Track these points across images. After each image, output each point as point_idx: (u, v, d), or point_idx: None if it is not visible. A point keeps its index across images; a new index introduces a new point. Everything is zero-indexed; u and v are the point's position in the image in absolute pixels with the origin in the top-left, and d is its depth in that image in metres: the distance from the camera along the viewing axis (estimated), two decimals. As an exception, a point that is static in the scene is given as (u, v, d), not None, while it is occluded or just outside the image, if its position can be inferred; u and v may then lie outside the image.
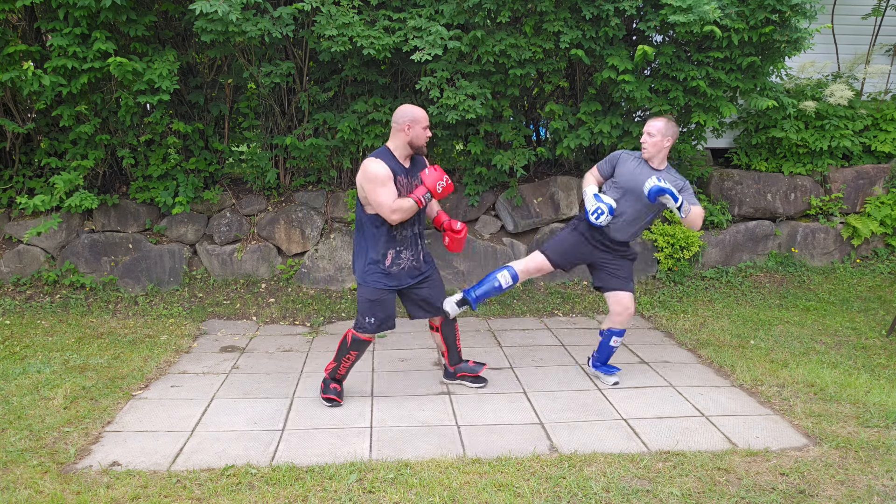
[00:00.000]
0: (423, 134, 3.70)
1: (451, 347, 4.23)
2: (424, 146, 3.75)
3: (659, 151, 3.91)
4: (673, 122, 3.94)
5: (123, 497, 2.97)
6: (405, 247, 3.81)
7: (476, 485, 3.06)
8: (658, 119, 3.91)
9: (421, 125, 3.68)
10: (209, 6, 4.80)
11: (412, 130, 3.67)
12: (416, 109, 3.71)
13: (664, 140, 3.88)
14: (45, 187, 5.88)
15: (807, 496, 3.01)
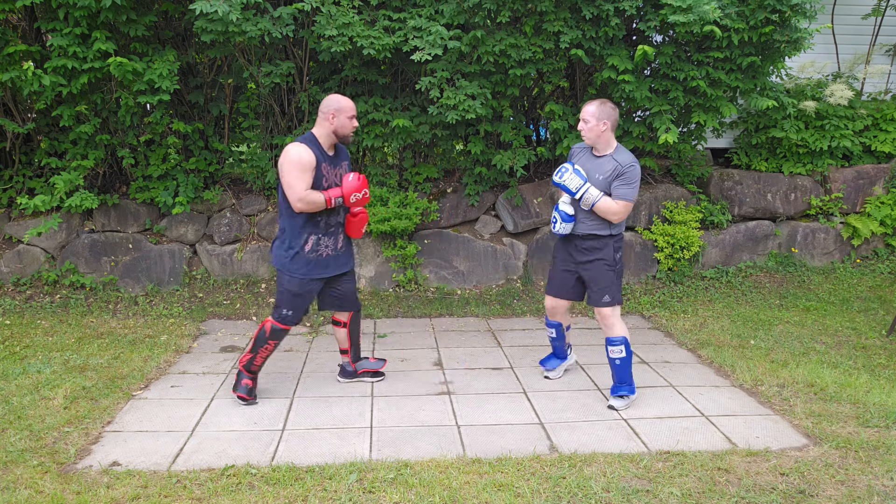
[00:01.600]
0: (348, 124, 3.75)
1: (355, 344, 4.25)
2: (349, 136, 3.79)
3: (598, 136, 3.75)
4: (607, 103, 3.74)
5: (123, 497, 2.97)
6: (327, 234, 3.83)
7: (476, 485, 3.06)
8: (590, 103, 3.74)
9: (346, 114, 3.73)
10: (209, 6, 4.80)
11: (336, 119, 3.71)
12: (342, 99, 3.76)
13: (600, 124, 3.71)
14: (46, 187, 5.88)
15: (807, 496, 3.01)
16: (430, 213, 6.12)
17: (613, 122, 3.76)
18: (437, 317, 5.74)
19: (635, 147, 6.17)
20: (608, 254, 3.87)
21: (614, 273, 3.89)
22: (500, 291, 6.13)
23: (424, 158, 6.59)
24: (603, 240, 3.87)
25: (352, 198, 3.73)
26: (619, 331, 3.89)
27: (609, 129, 3.75)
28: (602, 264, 3.87)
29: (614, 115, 3.75)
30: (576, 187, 3.76)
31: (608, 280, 3.88)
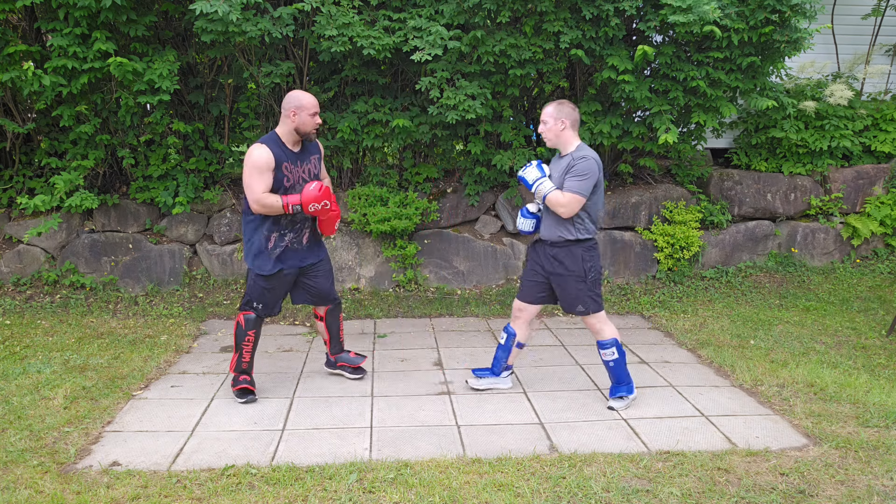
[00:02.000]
0: (309, 121, 3.73)
1: (334, 337, 4.30)
2: (312, 133, 3.78)
3: (557, 136, 3.71)
4: (565, 104, 3.70)
5: (123, 497, 2.97)
6: (291, 230, 3.86)
7: (476, 485, 3.06)
8: (549, 105, 3.72)
9: (307, 112, 3.71)
10: (209, 6, 4.80)
11: (297, 117, 3.71)
12: (303, 96, 3.73)
13: (558, 123, 3.68)
14: (46, 187, 5.88)
15: (807, 496, 3.01)
16: (430, 213, 6.12)
17: (573, 121, 3.71)
18: (437, 317, 5.74)
19: (635, 147, 6.18)
20: (575, 264, 3.73)
21: (585, 284, 3.76)
22: (500, 291, 6.13)
23: (424, 158, 6.59)
24: (568, 246, 3.74)
25: (310, 207, 3.68)
26: (607, 333, 3.83)
27: (568, 127, 3.70)
28: (570, 278, 3.76)
29: (574, 114, 3.71)
30: (533, 179, 3.75)
31: (577, 291, 3.77)
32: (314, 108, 3.75)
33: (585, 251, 3.76)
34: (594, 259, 3.79)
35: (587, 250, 3.76)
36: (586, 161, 3.63)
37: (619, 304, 5.98)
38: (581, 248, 3.75)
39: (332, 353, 4.35)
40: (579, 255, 3.74)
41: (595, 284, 3.81)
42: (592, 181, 3.63)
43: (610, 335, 3.83)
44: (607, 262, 6.33)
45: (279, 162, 3.69)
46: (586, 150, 3.70)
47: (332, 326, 4.26)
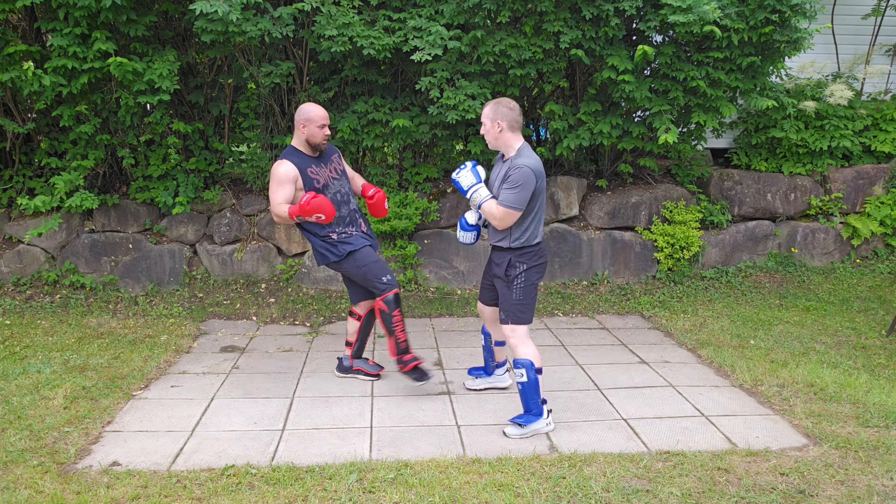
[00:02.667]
0: (318, 132, 3.90)
1: (361, 340, 4.31)
2: (322, 143, 3.94)
3: (496, 139, 3.52)
4: (502, 103, 3.49)
5: (123, 497, 2.97)
6: (348, 224, 4.03)
7: (476, 485, 3.06)
8: (486, 105, 3.54)
9: (315, 124, 3.88)
10: (209, 6, 4.80)
11: (307, 129, 3.90)
12: (311, 108, 3.91)
13: (494, 125, 3.47)
14: (46, 187, 5.88)
15: (807, 496, 3.01)
16: (430, 213, 6.12)
17: (511, 121, 3.46)
18: (437, 317, 5.74)
19: (635, 147, 6.18)
20: (508, 270, 3.59)
21: (509, 289, 3.60)
22: (500, 291, 6.13)
23: (424, 158, 6.59)
24: (504, 253, 3.60)
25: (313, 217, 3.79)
26: (522, 353, 3.55)
27: (506, 129, 3.47)
28: (502, 282, 3.64)
29: (511, 114, 3.46)
30: (467, 185, 3.57)
31: (506, 298, 3.62)
32: (322, 120, 3.90)
33: (519, 258, 3.57)
34: (526, 267, 3.58)
35: (521, 257, 3.57)
36: (521, 171, 3.39)
37: (619, 304, 5.98)
38: (514, 255, 3.58)
39: (352, 356, 4.35)
40: (508, 259, 3.59)
41: (522, 294, 3.60)
42: (528, 191, 3.40)
43: (524, 355, 3.54)
44: (608, 262, 6.33)
45: (303, 169, 3.88)
46: (526, 157, 3.44)
47: (366, 329, 4.28)
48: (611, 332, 5.34)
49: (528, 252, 3.58)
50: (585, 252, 6.32)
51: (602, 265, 6.34)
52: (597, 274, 6.33)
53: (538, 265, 3.62)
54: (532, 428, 3.56)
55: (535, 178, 3.42)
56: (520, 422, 3.56)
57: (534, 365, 3.52)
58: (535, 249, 3.60)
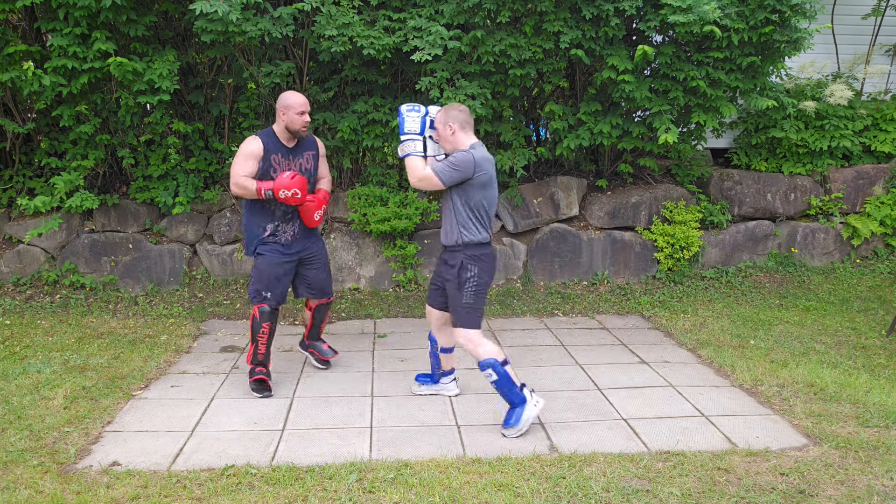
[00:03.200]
0: (297, 119, 3.96)
1: (315, 327, 4.47)
2: (301, 130, 4.00)
3: (449, 142, 3.55)
4: (452, 107, 3.55)
5: (123, 497, 2.97)
6: (284, 221, 4.07)
7: (476, 485, 3.06)
8: (438, 111, 3.60)
9: (294, 111, 3.95)
10: (209, 6, 4.79)
11: (286, 116, 3.96)
12: (291, 96, 3.96)
13: (446, 129, 3.53)
14: (46, 187, 5.88)
15: (807, 496, 3.01)
16: (430, 213, 6.12)
17: (461, 122, 3.53)
18: (437, 317, 5.73)
19: (635, 147, 6.18)
20: (457, 272, 3.58)
21: (459, 293, 3.58)
22: (499, 291, 6.13)
23: (424, 158, 6.58)
24: (455, 252, 3.60)
25: (280, 193, 3.86)
26: (482, 354, 3.53)
27: (458, 130, 3.53)
28: (452, 284, 3.61)
29: (461, 116, 3.54)
30: (407, 129, 3.54)
31: (455, 300, 3.60)
32: (301, 107, 3.96)
33: (468, 258, 3.56)
34: (478, 269, 3.57)
35: (470, 258, 3.56)
36: (465, 154, 3.47)
37: (619, 304, 5.98)
38: (464, 254, 3.57)
39: (308, 338, 4.53)
40: (460, 261, 3.57)
41: (473, 297, 3.58)
42: (458, 174, 3.44)
43: (484, 356, 3.52)
44: (608, 262, 6.33)
45: (268, 152, 3.96)
46: (475, 150, 3.51)
47: (317, 318, 4.44)
48: (611, 332, 5.34)
49: (478, 251, 3.58)
50: (585, 252, 6.32)
51: (602, 265, 6.34)
52: (597, 274, 6.33)
53: (488, 269, 3.62)
54: (525, 418, 3.54)
55: (475, 168, 3.46)
56: (511, 422, 3.55)
57: (497, 360, 3.52)
58: (486, 250, 3.61)
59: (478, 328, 3.62)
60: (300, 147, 4.09)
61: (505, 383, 3.52)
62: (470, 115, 3.61)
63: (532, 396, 3.59)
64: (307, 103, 4.00)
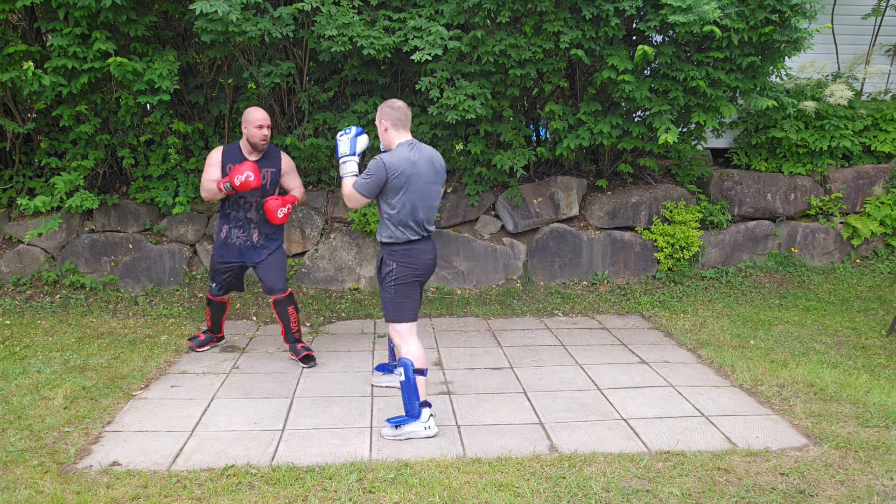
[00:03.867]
0: (255, 133, 4.29)
1: (285, 326, 4.66)
2: (260, 143, 4.33)
3: (383, 138, 3.60)
4: (386, 104, 3.57)
5: (123, 497, 2.97)
6: (237, 227, 4.46)
7: (476, 485, 3.06)
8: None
9: (252, 125, 4.28)
10: (209, 6, 4.79)
11: (246, 129, 4.32)
12: (252, 111, 4.30)
13: (380, 126, 3.58)
14: (46, 187, 5.88)
15: (807, 496, 3.01)
16: (430, 213, 6.11)
17: (393, 120, 3.54)
18: (437, 317, 5.74)
19: (635, 147, 6.17)
20: (381, 267, 3.66)
21: (382, 287, 3.65)
22: (499, 291, 6.13)
23: (424, 158, 6.57)
24: (384, 248, 3.65)
25: (235, 179, 4.17)
26: (404, 352, 3.56)
27: (390, 128, 3.54)
28: (379, 280, 3.72)
29: (394, 113, 3.53)
30: (340, 153, 3.64)
31: (385, 294, 3.64)
32: (258, 121, 4.28)
33: (388, 254, 3.61)
34: (396, 266, 3.59)
35: (390, 254, 3.60)
36: (375, 161, 3.48)
37: (619, 304, 5.98)
38: (385, 250, 3.64)
39: (285, 340, 4.71)
40: (381, 257, 3.68)
41: (394, 291, 3.60)
42: (376, 183, 3.46)
43: (405, 354, 3.55)
44: (608, 262, 6.33)
45: (224, 162, 4.36)
46: (394, 152, 3.51)
47: (282, 316, 4.63)
48: (611, 332, 5.35)
49: (397, 250, 3.59)
50: (585, 252, 6.32)
51: (602, 265, 6.34)
52: (597, 274, 6.33)
53: (409, 265, 3.59)
54: (407, 430, 3.52)
55: (386, 171, 3.45)
56: (395, 422, 3.54)
57: (413, 365, 3.51)
58: (404, 249, 3.58)
59: (405, 322, 3.61)
60: (260, 161, 4.39)
61: (409, 390, 3.52)
62: (406, 112, 3.58)
63: (428, 419, 3.54)
64: (267, 118, 4.33)
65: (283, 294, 4.57)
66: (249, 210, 4.44)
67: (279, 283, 4.56)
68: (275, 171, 4.48)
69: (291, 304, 4.62)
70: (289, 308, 4.60)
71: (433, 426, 3.56)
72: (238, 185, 4.18)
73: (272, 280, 4.54)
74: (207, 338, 4.91)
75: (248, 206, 4.43)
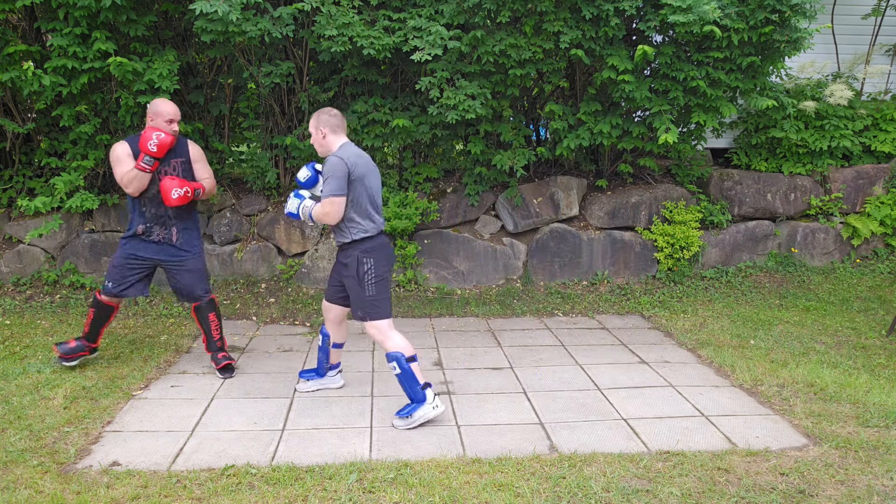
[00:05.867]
0: (165, 128, 4.03)
1: (206, 333, 4.40)
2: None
3: (322, 146, 3.66)
4: (323, 112, 3.64)
5: (123, 497, 2.97)
6: (157, 224, 4.19)
7: (476, 485, 3.06)
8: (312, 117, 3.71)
9: (163, 118, 4.02)
10: (209, 6, 4.79)
11: (154, 122, 4.05)
12: (161, 104, 4.04)
13: (318, 133, 3.64)
14: (46, 188, 5.88)
15: (807, 496, 3.01)
16: (430, 213, 6.12)
17: (332, 126, 3.62)
18: (437, 317, 5.74)
19: (636, 147, 6.18)
20: (353, 267, 3.64)
21: (360, 287, 3.63)
22: (499, 291, 6.13)
23: (424, 158, 6.59)
24: (347, 249, 3.67)
25: (149, 147, 3.95)
26: (390, 346, 3.61)
27: (329, 134, 3.62)
28: (352, 280, 3.66)
29: (332, 120, 3.62)
30: (294, 209, 3.72)
31: (357, 295, 3.65)
32: (168, 115, 4.03)
33: (363, 253, 3.62)
34: (373, 261, 3.63)
35: (365, 252, 3.62)
36: (328, 161, 3.53)
37: (619, 303, 5.98)
38: (358, 249, 3.63)
39: (207, 349, 4.46)
40: (355, 257, 3.63)
41: (375, 289, 3.64)
42: (339, 177, 3.49)
43: (392, 348, 3.60)
44: (608, 262, 6.33)
45: (135, 155, 4.05)
46: (339, 150, 3.58)
47: (203, 324, 4.39)
48: (611, 332, 5.35)
49: (370, 244, 3.64)
50: (585, 252, 6.32)
51: (602, 265, 6.34)
52: (597, 274, 6.33)
53: (383, 260, 3.67)
54: (418, 415, 3.62)
55: (346, 165, 3.50)
56: (404, 413, 3.64)
57: (404, 356, 3.59)
58: (377, 242, 3.66)
59: (386, 318, 3.67)
60: (169, 153, 4.12)
61: (408, 378, 3.61)
62: (342, 118, 3.68)
63: (433, 399, 3.65)
64: (178, 112, 4.10)
65: (203, 300, 4.33)
66: (162, 205, 4.16)
67: (198, 288, 4.30)
68: (184, 160, 4.19)
69: (213, 311, 4.37)
70: (210, 315, 4.36)
71: (439, 403, 3.66)
72: (156, 151, 3.95)
73: (188, 287, 4.28)
74: (79, 345, 4.37)
75: (160, 200, 4.15)
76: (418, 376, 3.64)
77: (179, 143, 4.21)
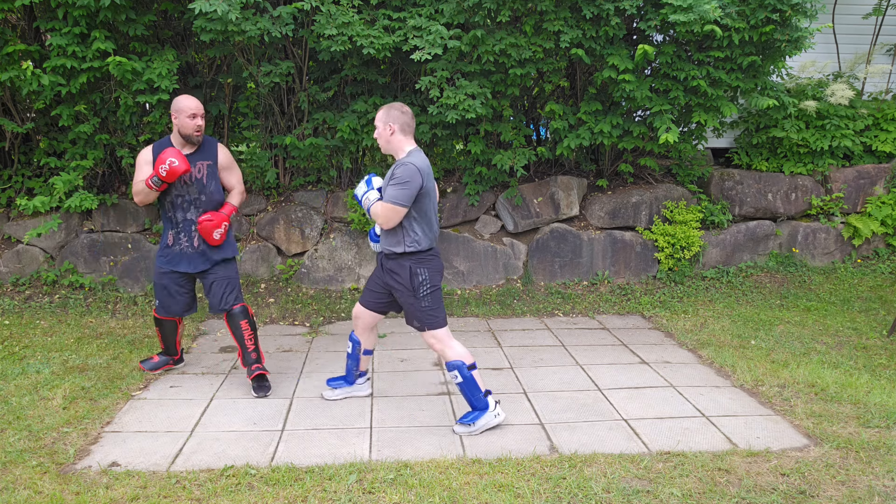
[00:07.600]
0: (188, 123, 3.87)
1: (241, 346, 4.13)
2: (193, 135, 3.90)
3: (388, 142, 3.52)
4: (394, 107, 3.51)
5: (123, 497, 2.96)
6: (182, 231, 4.01)
7: (476, 485, 3.05)
8: (380, 109, 3.56)
9: (185, 114, 3.86)
10: (208, 5, 4.78)
11: (177, 120, 3.88)
12: (182, 100, 3.87)
13: (386, 128, 3.49)
14: (45, 187, 5.87)
15: (807, 497, 3.00)
16: (430, 213, 6.10)
17: (402, 124, 3.48)
18: (437, 317, 5.72)
19: (636, 147, 6.16)
20: (405, 278, 3.55)
21: (416, 298, 3.56)
22: (500, 291, 6.12)
23: (424, 158, 6.57)
24: (399, 260, 3.56)
25: (161, 171, 3.76)
26: (450, 356, 3.56)
27: (398, 132, 3.48)
28: (404, 291, 3.59)
29: (403, 118, 3.48)
30: (360, 194, 3.58)
31: (411, 306, 3.60)
32: (190, 110, 3.86)
33: (416, 264, 3.54)
34: (428, 273, 3.56)
35: (418, 263, 3.55)
36: (406, 167, 3.39)
37: (619, 304, 5.97)
38: (411, 261, 3.54)
39: (243, 363, 4.18)
40: (408, 268, 3.55)
41: (430, 299, 3.58)
42: (412, 189, 3.39)
43: (453, 356, 3.55)
44: (608, 262, 6.32)
45: (155, 157, 3.90)
46: (413, 157, 3.46)
47: (235, 333, 4.12)
48: (611, 333, 5.34)
49: (423, 256, 3.57)
50: (586, 252, 6.31)
51: (602, 265, 6.33)
52: (597, 274, 6.32)
53: (436, 270, 3.61)
54: (481, 423, 3.59)
55: (421, 176, 3.41)
56: (467, 420, 3.60)
57: (465, 363, 3.54)
58: (431, 255, 3.60)
59: (444, 327, 3.63)
60: (195, 155, 3.95)
61: (470, 386, 3.57)
62: (412, 118, 3.54)
63: (496, 406, 3.63)
64: (200, 106, 3.90)
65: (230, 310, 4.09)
66: (189, 210, 3.97)
67: (229, 299, 4.07)
68: (211, 163, 4.00)
69: (245, 319, 4.09)
70: (241, 322, 4.08)
71: (501, 411, 3.65)
72: (166, 175, 3.74)
73: (217, 298, 4.06)
74: (161, 360, 4.40)
75: (186, 205, 3.97)
76: (480, 384, 3.58)
77: (207, 144, 4.02)
